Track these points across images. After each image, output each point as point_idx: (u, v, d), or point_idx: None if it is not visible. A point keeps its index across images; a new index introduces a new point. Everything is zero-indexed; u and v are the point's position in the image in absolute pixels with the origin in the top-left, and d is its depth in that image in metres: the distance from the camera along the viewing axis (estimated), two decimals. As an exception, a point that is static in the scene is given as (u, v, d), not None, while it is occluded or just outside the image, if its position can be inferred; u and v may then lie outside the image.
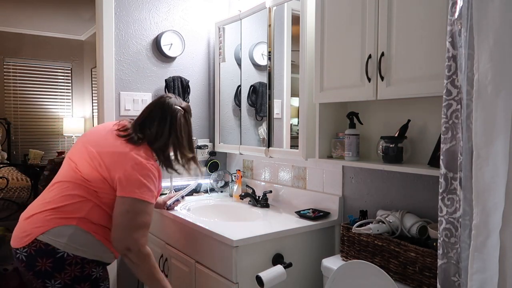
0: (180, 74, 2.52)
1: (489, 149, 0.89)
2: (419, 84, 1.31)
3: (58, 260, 1.37)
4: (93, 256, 1.44)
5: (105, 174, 1.44)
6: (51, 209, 1.42)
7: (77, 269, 1.40)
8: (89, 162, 1.47)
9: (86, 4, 4.32)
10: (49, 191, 1.50)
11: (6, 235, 2.76)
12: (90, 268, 1.43)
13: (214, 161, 2.63)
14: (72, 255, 1.39)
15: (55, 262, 1.37)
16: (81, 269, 1.41)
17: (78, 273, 1.40)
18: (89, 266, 1.43)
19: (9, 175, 3.59)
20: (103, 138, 1.55)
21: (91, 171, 1.45)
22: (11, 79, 5.59)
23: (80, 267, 1.41)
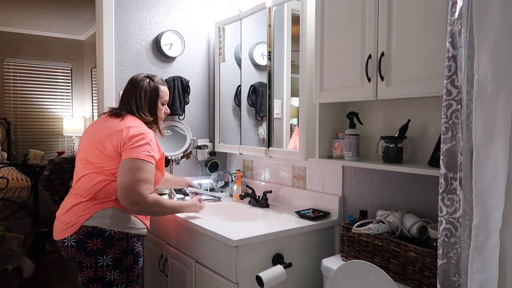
0: (180, 74, 2.52)
1: (489, 149, 0.89)
2: (419, 84, 1.31)
3: (107, 238, 1.57)
4: (133, 230, 1.64)
5: (113, 154, 1.60)
6: (88, 200, 1.60)
7: (124, 243, 1.60)
8: (95, 151, 1.63)
9: (86, 4, 4.32)
10: (75, 188, 1.67)
11: (6, 235, 2.76)
12: (133, 242, 1.64)
13: (214, 161, 2.63)
14: (118, 232, 1.59)
15: (104, 240, 1.57)
16: (127, 243, 1.61)
17: (125, 247, 1.61)
18: (132, 240, 1.63)
19: (9, 175, 3.58)
20: (98, 126, 1.73)
21: (101, 157, 1.61)
22: (11, 79, 5.59)
23: (126, 242, 1.61)
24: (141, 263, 1.69)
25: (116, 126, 1.65)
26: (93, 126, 1.77)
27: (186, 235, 1.93)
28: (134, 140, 1.59)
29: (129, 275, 1.63)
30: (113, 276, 1.58)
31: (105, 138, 1.63)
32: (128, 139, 1.60)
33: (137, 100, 1.75)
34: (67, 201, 1.66)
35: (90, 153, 1.65)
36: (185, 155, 2.42)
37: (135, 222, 1.66)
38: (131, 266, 1.63)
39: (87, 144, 1.69)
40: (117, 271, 1.59)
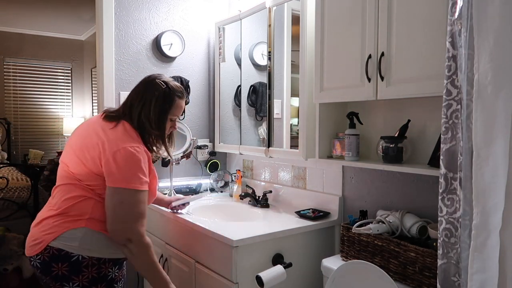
0: (180, 74, 2.52)
1: (489, 149, 0.89)
2: (419, 84, 1.31)
3: (74, 264, 1.37)
4: (108, 255, 1.42)
5: (94, 167, 1.39)
6: (57, 214, 1.40)
7: (94, 270, 1.39)
8: (77, 160, 1.43)
9: (86, 4, 4.32)
10: (52, 197, 1.48)
11: (6, 235, 2.76)
12: (107, 268, 1.42)
13: (214, 161, 2.63)
14: (88, 257, 1.38)
15: (70, 266, 1.37)
16: (97, 270, 1.40)
17: (95, 274, 1.40)
18: (105, 266, 1.42)
19: (9, 175, 3.59)
20: (85, 131, 1.49)
21: (81, 168, 1.41)
22: (11, 79, 5.59)
23: (97, 268, 1.40)
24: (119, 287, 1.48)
25: (103, 135, 1.41)
26: (81, 127, 1.54)
27: (186, 235, 1.93)
28: (125, 163, 1.36)
29: None
30: None
31: (88, 147, 1.41)
32: (113, 159, 1.35)
33: (146, 107, 1.49)
34: (42, 211, 1.47)
35: (71, 160, 1.44)
36: (185, 155, 2.42)
37: (110, 247, 1.42)
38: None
39: (70, 148, 1.47)
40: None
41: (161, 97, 1.51)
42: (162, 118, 1.52)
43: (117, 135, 1.42)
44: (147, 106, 1.49)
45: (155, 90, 1.51)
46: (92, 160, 1.39)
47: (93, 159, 1.39)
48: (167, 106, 1.52)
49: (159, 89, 1.51)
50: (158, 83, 1.52)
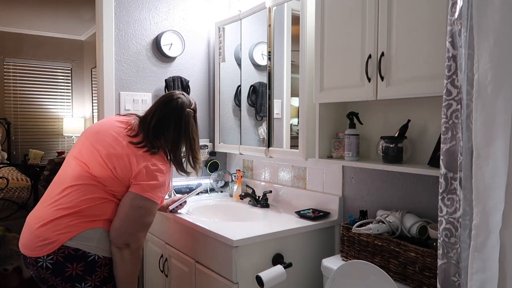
0: (180, 74, 2.52)
1: (489, 149, 0.89)
2: (419, 84, 1.31)
3: (90, 263, 1.39)
4: None
5: (121, 176, 1.44)
6: (72, 213, 1.38)
7: (106, 270, 1.43)
8: (102, 164, 1.45)
9: (86, 4, 4.32)
10: (62, 195, 1.43)
11: (6, 235, 2.76)
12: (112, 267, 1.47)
13: (214, 161, 2.63)
14: (102, 257, 1.42)
15: (86, 266, 1.39)
16: (109, 270, 1.44)
17: (107, 274, 1.44)
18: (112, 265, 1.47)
19: (9, 175, 3.59)
20: (114, 139, 1.50)
21: (106, 174, 1.43)
22: (11, 79, 5.59)
23: (108, 268, 1.44)
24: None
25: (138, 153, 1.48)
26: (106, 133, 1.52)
27: (186, 235, 1.93)
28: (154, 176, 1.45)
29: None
30: None
31: (117, 156, 1.45)
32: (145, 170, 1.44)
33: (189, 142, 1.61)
34: (44, 212, 1.43)
35: (95, 163, 1.45)
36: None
37: None
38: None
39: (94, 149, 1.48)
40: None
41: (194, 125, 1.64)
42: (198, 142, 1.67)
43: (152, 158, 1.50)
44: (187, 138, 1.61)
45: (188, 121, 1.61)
46: (121, 169, 1.44)
47: (122, 169, 1.44)
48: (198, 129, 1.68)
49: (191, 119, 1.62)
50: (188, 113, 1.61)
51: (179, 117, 1.59)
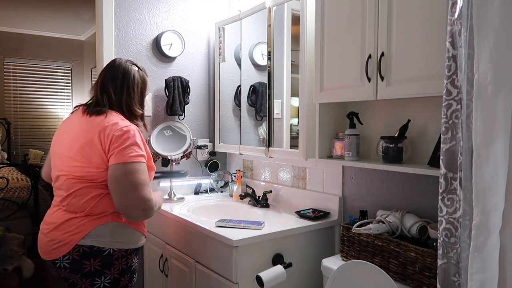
0: (180, 74, 2.52)
1: (489, 149, 0.89)
2: (419, 84, 1.31)
3: (106, 258, 1.43)
4: (133, 245, 1.50)
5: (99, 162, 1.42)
6: (79, 215, 1.43)
7: (123, 262, 1.47)
8: (79, 164, 1.44)
9: (86, 4, 4.31)
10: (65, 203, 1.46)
11: (6, 235, 2.76)
12: (132, 258, 1.51)
13: (214, 161, 2.63)
14: (118, 250, 1.45)
15: (103, 260, 1.43)
16: (126, 261, 1.48)
17: (124, 266, 1.48)
18: (131, 257, 1.51)
19: (9, 175, 3.58)
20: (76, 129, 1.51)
21: (88, 170, 1.43)
22: (11, 79, 5.59)
23: (125, 260, 1.48)
24: (135, 280, 1.57)
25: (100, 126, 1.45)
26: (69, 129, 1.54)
27: (186, 235, 1.93)
28: (121, 140, 1.41)
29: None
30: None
31: (89, 146, 1.43)
32: (110, 141, 1.41)
33: (130, 93, 1.57)
34: (55, 216, 1.47)
35: (73, 166, 1.45)
36: (185, 155, 2.42)
37: (135, 236, 1.52)
38: (126, 285, 1.50)
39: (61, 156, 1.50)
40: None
41: (139, 79, 1.63)
42: (143, 97, 1.66)
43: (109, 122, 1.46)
44: (131, 92, 1.59)
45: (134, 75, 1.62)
46: (97, 157, 1.42)
47: (97, 156, 1.42)
48: (144, 86, 1.66)
49: (135, 73, 1.62)
50: (130, 67, 1.63)
51: (118, 69, 1.61)
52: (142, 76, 1.65)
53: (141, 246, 1.58)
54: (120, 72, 1.59)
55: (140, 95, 1.63)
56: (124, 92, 1.57)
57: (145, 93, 1.66)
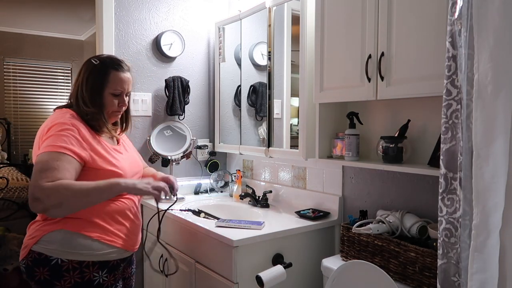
0: (180, 74, 2.52)
1: (489, 149, 0.89)
2: (419, 84, 1.31)
3: (54, 268, 1.31)
4: (91, 258, 1.35)
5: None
6: (39, 219, 1.38)
7: (76, 274, 1.32)
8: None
9: (86, 4, 4.31)
10: None
11: (6, 235, 2.76)
12: (91, 272, 1.35)
13: (214, 161, 2.63)
14: (67, 261, 1.31)
15: (51, 270, 1.31)
16: (80, 275, 1.33)
17: (78, 279, 1.32)
18: (89, 270, 1.34)
19: (9, 175, 3.59)
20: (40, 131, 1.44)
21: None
22: (11, 79, 5.59)
23: (79, 272, 1.32)
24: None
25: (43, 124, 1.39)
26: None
27: (186, 235, 1.93)
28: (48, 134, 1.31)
29: None
30: None
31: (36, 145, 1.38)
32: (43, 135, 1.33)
33: (80, 87, 1.43)
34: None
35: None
36: (185, 155, 2.42)
37: (94, 247, 1.34)
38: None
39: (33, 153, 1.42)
40: None
41: (94, 73, 1.45)
42: (98, 93, 1.44)
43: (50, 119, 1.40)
44: (81, 85, 1.44)
45: (88, 68, 1.46)
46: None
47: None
48: (100, 81, 1.44)
49: (91, 65, 1.46)
50: (90, 61, 1.47)
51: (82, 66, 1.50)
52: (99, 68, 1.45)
53: (109, 259, 1.38)
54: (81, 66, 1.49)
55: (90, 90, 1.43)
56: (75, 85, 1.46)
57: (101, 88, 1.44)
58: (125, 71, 1.49)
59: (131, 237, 1.47)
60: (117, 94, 1.47)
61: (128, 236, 1.45)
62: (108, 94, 1.45)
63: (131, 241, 1.48)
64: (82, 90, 1.43)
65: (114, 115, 1.52)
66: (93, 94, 1.43)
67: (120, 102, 1.49)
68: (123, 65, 1.49)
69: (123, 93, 1.49)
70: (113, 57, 1.51)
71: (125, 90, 1.49)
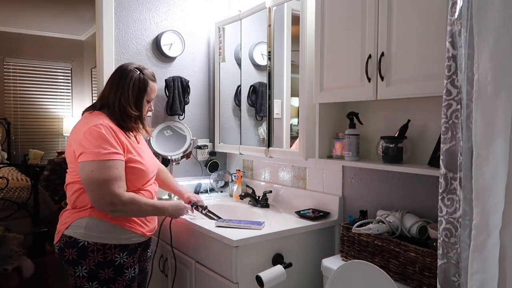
0: (180, 74, 2.52)
1: (489, 149, 0.89)
2: (419, 84, 1.31)
3: (81, 249, 1.51)
4: (113, 241, 1.54)
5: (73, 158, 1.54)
6: (69, 208, 1.59)
7: (100, 255, 1.52)
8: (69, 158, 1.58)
9: (86, 4, 4.31)
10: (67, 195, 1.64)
11: (6, 235, 2.76)
12: (113, 253, 1.54)
13: (214, 161, 2.63)
14: (93, 243, 1.51)
15: (78, 251, 1.51)
16: (103, 255, 1.52)
17: (101, 259, 1.52)
18: (111, 252, 1.54)
19: (9, 175, 3.58)
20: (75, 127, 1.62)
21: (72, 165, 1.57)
22: (11, 79, 5.59)
23: (102, 253, 1.52)
24: (128, 275, 1.58)
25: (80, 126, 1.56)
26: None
27: (186, 235, 1.93)
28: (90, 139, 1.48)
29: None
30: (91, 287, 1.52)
31: (72, 142, 1.54)
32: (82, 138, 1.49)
33: (124, 93, 1.61)
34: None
35: (68, 159, 1.59)
36: (185, 155, 2.42)
37: (115, 232, 1.55)
38: (111, 278, 1.54)
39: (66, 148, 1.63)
40: (95, 283, 1.52)
41: (137, 81, 1.65)
42: (140, 100, 1.66)
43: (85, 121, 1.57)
44: (125, 92, 1.62)
45: (131, 76, 1.64)
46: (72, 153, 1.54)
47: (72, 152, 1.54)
48: (143, 89, 1.66)
49: (134, 75, 1.65)
50: (132, 70, 1.65)
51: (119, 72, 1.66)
52: (142, 78, 1.66)
53: (130, 243, 1.58)
54: (118, 75, 1.65)
55: (135, 97, 1.64)
56: (117, 93, 1.62)
57: (143, 96, 1.67)
58: (155, 82, 1.76)
59: (148, 224, 1.66)
60: (149, 101, 1.73)
61: (145, 223, 1.64)
62: (145, 100, 1.69)
63: (148, 227, 1.66)
64: (128, 96, 1.63)
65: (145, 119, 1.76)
66: (137, 99, 1.66)
67: (149, 107, 1.75)
68: (155, 77, 1.76)
69: (152, 100, 1.75)
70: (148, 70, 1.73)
71: (153, 98, 1.77)
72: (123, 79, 1.63)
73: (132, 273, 1.60)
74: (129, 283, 1.59)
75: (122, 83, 1.63)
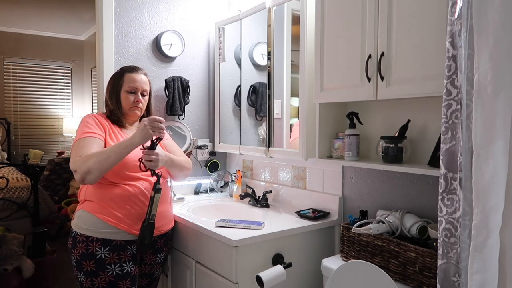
0: (180, 74, 2.52)
1: (489, 149, 0.89)
2: (419, 84, 1.31)
3: (73, 239, 1.62)
4: (95, 234, 1.59)
5: None
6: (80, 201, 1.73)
7: (83, 246, 1.58)
8: None
9: (86, 4, 4.32)
10: None
11: (6, 235, 2.76)
12: (94, 247, 1.58)
13: (214, 161, 2.63)
14: (80, 234, 1.60)
15: (72, 241, 1.63)
16: (86, 247, 1.58)
17: (84, 251, 1.58)
18: (93, 245, 1.58)
19: (9, 175, 3.58)
20: None
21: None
22: (11, 79, 5.59)
23: (85, 245, 1.58)
24: (112, 272, 1.58)
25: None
26: None
27: (186, 235, 1.93)
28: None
29: (94, 281, 1.57)
30: (80, 277, 1.59)
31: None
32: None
33: (107, 90, 1.79)
34: None
35: None
36: (185, 155, 2.42)
37: (98, 225, 1.59)
38: (93, 272, 1.57)
39: None
40: (81, 274, 1.58)
41: (114, 78, 1.78)
42: (115, 91, 1.74)
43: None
44: (107, 88, 1.79)
45: (112, 77, 1.80)
46: None
47: None
48: (117, 80, 1.74)
49: (114, 74, 1.80)
50: (115, 72, 1.81)
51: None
52: (118, 72, 1.78)
53: (110, 238, 1.59)
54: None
55: (110, 89, 1.76)
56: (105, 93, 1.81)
57: (118, 87, 1.73)
58: (139, 73, 1.77)
59: (135, 221, 1.63)
60: (132, 92, 1.73)
61: (131, 220, 1.63)
62: (125, 92, 1.72)
63: (136, 225, 1.63)
64: (107, 91, 1.77)
65: (133, 112, 1.76)
66: (113, 91, 1.74)
67: (135, 99, 1.73)
68: (137, 69, 1.79)
69: (137, 90, 1.74)
70: (132, 65, 1.83)
71: (139, 88, 1.74)
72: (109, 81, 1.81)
73: (117, 271, 1.59)
74: (114, 280, 1.58)
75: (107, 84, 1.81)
